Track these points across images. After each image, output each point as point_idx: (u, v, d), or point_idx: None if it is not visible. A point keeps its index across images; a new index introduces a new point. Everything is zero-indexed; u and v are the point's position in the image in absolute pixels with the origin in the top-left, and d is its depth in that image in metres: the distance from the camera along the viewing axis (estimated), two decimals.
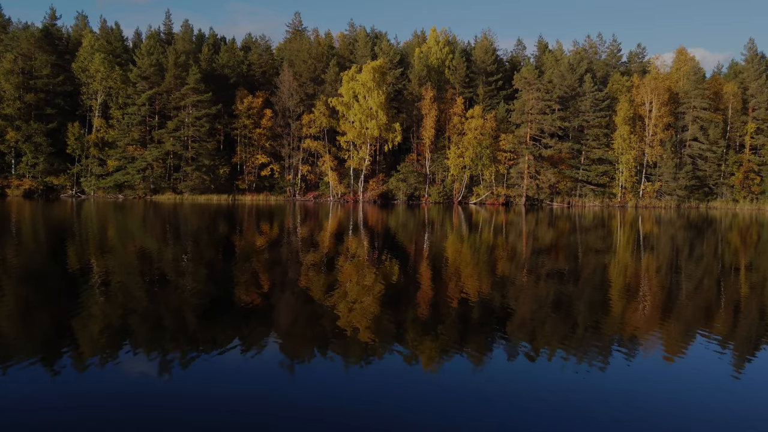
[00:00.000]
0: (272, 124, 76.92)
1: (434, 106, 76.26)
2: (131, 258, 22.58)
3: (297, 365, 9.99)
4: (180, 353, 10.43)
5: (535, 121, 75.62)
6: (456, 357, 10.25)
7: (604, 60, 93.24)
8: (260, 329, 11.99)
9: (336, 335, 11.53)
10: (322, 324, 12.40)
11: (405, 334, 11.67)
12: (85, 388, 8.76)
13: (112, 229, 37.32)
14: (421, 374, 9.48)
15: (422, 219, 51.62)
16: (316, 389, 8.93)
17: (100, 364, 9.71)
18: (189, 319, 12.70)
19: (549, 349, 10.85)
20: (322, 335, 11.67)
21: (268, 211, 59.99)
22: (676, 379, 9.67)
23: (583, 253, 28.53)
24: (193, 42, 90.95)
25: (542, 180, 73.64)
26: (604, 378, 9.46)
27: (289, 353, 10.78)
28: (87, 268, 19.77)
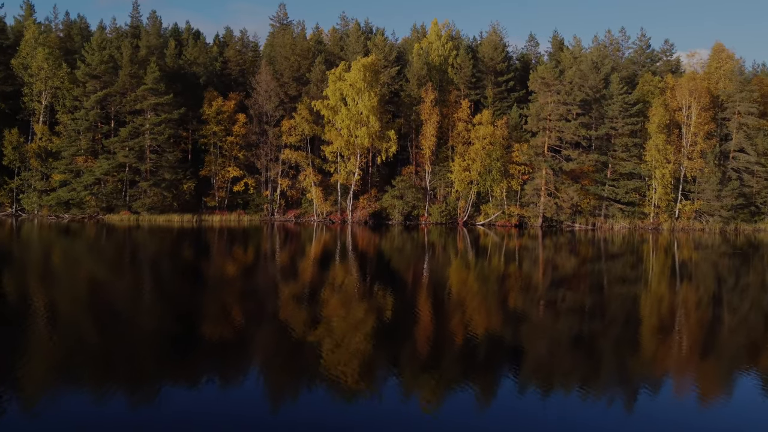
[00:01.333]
0: (246, 131, 77.23)
1: (435, 111, 76.73)
2: (60, 300, 22.69)
3: (271, 417, 10.11)
4: (128, 399, 10.60)
5: (555, 128, 75.94)
6: (458, 404, 10.44)
7: (630, 57, 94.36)
8: (227, 376, 12.12)
9: (319, 378, 11.69)
10: (303, 364, 12.55)
11: (400, 377, 11.84)
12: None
13: (21, 265, 37.42)
14: (418, 418, 9.65)
15: (421, 243, 51.81)
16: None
17: (43, 407, 9.86)
18: (142, 361, 12.83)
19: (566, 395, 11.06)
20: (303, 377, 11.83)
21: (238, 234, 60.09)
22: (710, 429, 9.89)
23: (609, 285, 28.82)
24: (161, 36, 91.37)
25: (563, 198, 73.77)
26: (627, 428, 9.66)
27: (264, 401, 10.95)
28: (19, 305, 19.89)
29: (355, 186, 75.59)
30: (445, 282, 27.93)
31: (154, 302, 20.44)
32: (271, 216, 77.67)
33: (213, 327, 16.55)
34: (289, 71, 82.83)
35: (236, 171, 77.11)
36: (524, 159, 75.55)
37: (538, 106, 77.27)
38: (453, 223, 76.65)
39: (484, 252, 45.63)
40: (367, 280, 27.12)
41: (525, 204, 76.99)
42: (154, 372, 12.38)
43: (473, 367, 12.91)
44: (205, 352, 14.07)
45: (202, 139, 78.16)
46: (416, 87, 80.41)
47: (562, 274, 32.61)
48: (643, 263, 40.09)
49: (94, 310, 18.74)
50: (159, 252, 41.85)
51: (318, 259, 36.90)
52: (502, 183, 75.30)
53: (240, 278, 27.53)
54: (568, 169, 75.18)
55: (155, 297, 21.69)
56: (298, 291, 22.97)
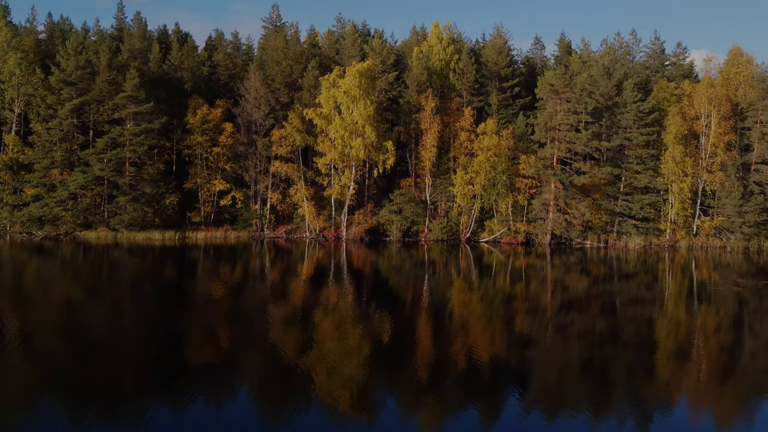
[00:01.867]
0: (233, 141, 77.31)
1: (436, 120, 76.86)
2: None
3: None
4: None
5: (565, 139, 76.00)
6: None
7: (642, 62, 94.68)
8: (213, 402, 12.23)
9: (311, 405, 11.80)
10: (294, 391, 12.66)
11: (398, 405, 11.95)
12: None
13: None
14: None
15: (421, 261, 51.85)
16: None
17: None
18: (122, 387, 12.93)
19: (575, 426, 11.18)
20: (295, 404, 11.93)
21: (224, 252, 60.10)
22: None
23: (623, 308, 28.97)
24: (147, 39, 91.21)
25: (573, 215, 73.68)
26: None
27: (253, 429, 11.07)
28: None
29: (350, 200, 75.51)
30: (447, 304, 28.06)
31: (132, 327, 20.57)
32: (261, 232, 77.52)
33: (195, 353, 16.69)
34: (280, 77, 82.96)
35: (223, 184, 77.10)
36: (531, 172, 75.56)
37: (546, 115, 76.90)
38: (455, 239, 76.58)
39: (489, 271, 45.73)
40: (362, 301, 27.26)
41: (532, 220, 76.87)
42: (135, 398, 12.54)
43: (475, 396, 13.08)
44: (187, 380, 14.22)
45: (186, 150, 78.17)
46: (416, 93, 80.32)
47: (571, 296, 32.75)
48: (658, 284, 40.25)
49: (69, 336, 18.85)
50: (134, 274, 41.92)
51: (310, 279, 36.99)
52: (507, 197, 75.18)
53: (225, 301, 27.63)
54: (579, 184, 75.08)
55: (133, 322, 21.83)
56: (288, 313, 23.10)
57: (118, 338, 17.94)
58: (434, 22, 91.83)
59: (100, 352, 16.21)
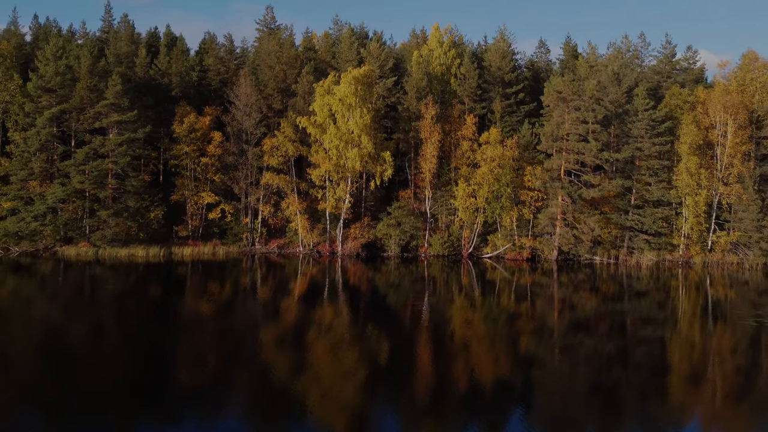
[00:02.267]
0: (222, 151, 77.35)
1: (437, 129, 76.90)
2: None
3: None
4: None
5: (573, 150, 75.73)
6: None
7: (653, 67, 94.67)
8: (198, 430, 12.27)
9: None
10: (286, 417, 12.72)
11: (395, 431, 12.02)
12: None
13: None
14: None
15: (420, 278, 51.88)
16: None
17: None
18: (103, 412, 12.97)
19: None
20: (287, 431, 12.00)
21: (212, 269, 60.03)
22: None
23: (634, 328, 29.06)
24: (134, 43, 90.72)
25: (582, 230, 73.26)
26: None
27: None
28: None
29: (346, 214, 75.40)
30: (448, 323, 28.14)
31: (112, 350, 20.65)
32: (252, 246, 77.26)
33: (180, 378, 16.77)
34: (273, 82, 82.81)
35: (211, 197, 76.97)
36: (537, 184, 75.27)
37: (553, 125, 76.40)
38: (456, 255, 76.45)
39: (492, 289, 45.79)
40: (358, 321, 27.35)
41: (538, 234, 76.59)
42: (118, 423, 12.64)
43: (478, 421, 13.19)
44: (173, 405, 14.32)
45: (172, 161, 78.12)
46: (415, 100, 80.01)
47: (580, 316, 32.84)
48: (671, 303, 40.35)
49: (47, 359, 18.92)
50: (114, 294, 41.94)
51: (303, 298, 37.04)
52: (512, 211, 75.03)
53: (211, 322, 27.69)
54: (588, 197, 74.77)
55: (113, 345, 21.91)
56: (280, 334, 23.18)
57: (98, 361, 18.02)
58: (434, 24, 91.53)
59: (81, 376, 16.29)
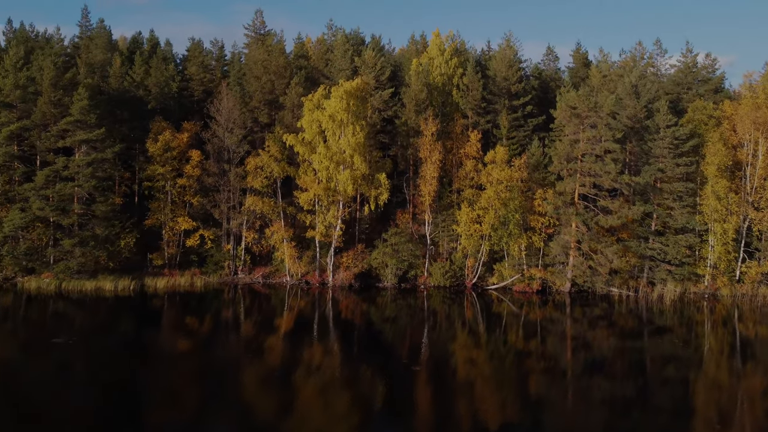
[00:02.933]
0: (201, 172, 76.91)
1: (438, 147, 76.51)
2: None
3: None
4: None
5: (589, 172, 74.27)
6: None
7: (672, 77, 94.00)
8: None
9: None
10: None
11: None
12: None
13: None
14: None
15: (420, 311, 51.95)
16: None
17: None
18: None
19: None
20: None
21: (188, 302, 59.85)
22: None
23: (655, 368, 29.18)
24: (111, 51, 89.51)
25: (599, 261, 72.24)
26: None
27: None
28: None
29: (338, 242, 75.17)
30: (449, 362, 28.27)
31: (77, 396, 20.83)
32: (234, 275, 76.63)
33: (153, 422, 16.94)
34: (260, 94, 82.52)
35: (188, 222, 76.31)
36: (549, 210, 74.38)
37: (566, 144, 75.06)
38: (459, 285, 76.10)
39: (498, 324, 45.88)
40: (351, 360, 27.47)
41: (549, 264, 76.39)
42: None
43: None
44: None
45: (146, 182, 77.75)
46: (414, 114, 79.38)
47: (595, 355, 32.93)
48: (696, 340, 40.44)
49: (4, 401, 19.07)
50: (70, 333, 41.98)
51: (290, 335, 37.08)
52: (520, 239, 74.69)
53: (188, 362, 27.82)
54: (606, 225, 73.52)
55: (77, 389, 22.06)
56: (265, 374, 23.30)
57: (58, 407, 18.21)
58: (435, 31, 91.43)
59: (40, 422, 16.49)
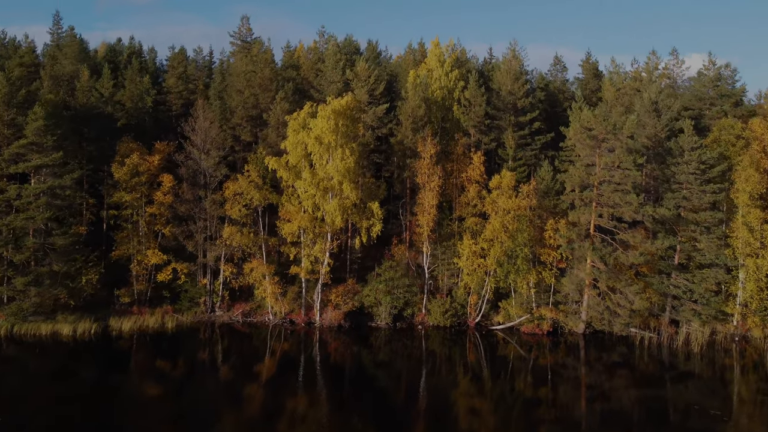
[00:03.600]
0: (173, 198, 76.10)
1: (437, 171, 75.71)
2: None
3: None
4: None
5: (607, 203, 72.72)
6: None
7: (693, 91, 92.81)
8: None
9: None
10: None
11: None
12: None
13: None
14: None
15: (417, 354, 51.82)
16: None
17: None
18: None
19: None
20: None
21: (158, 346, 59.40)
22: None
23: (678, 420, 29.00)
24: (82, 62, 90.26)
25: (618, 301, 70.85)
26: None
27: None
28: None
29: (325, 278, 74.36)
30: (450, 412, 28.10)
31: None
32: (211, 313, 75.74)
33: None
34: (242, 109, 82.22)
35: (157, 256, 75.40)
36: (562, 244, 73.07)
37: (580, 169, 73.49)
38: (461, 325, 75.53)
39: (504, 369, 45.70)
40: (340, 409, 27.24)
41: (561, 302, 75.66)
42: None
43: None
44: None
45: (111, 210, 77.14)
46: (411, 132, 79.06)
47: (613, 405, 32.75)
48: (725, 387, 40.21)
49: None
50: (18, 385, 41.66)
51: (273, 380, 36.85)
52: (529, 275, 73.87)
53: (157, 412, 27.66)
54: (627, 263, 71.88)
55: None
56: (244, 427, 23.08)
57: None
58: (434, 40, 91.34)
59: None
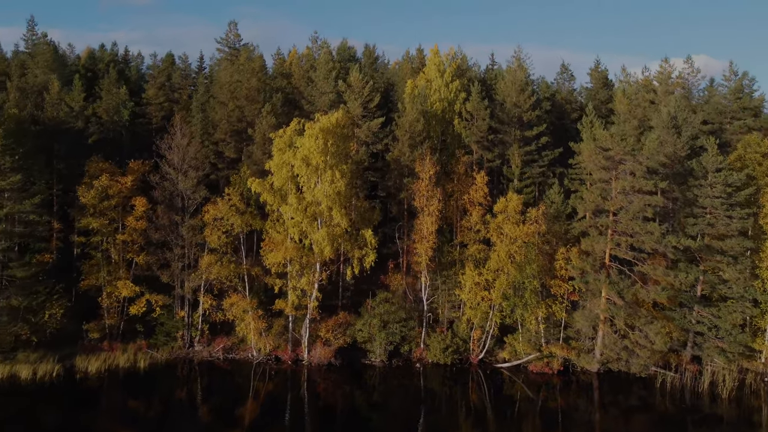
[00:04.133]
0: (147, 224, 75.88)
1: (437, 194, 75.47)
2: None
3: None
4: None
5: (625, 231, 71.77)
6: None
7: (712, 102, 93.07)
8: None
9: None
10: None
11: None
12: None
13: None
14: None
15: (414, 395, 52.32)
16: None
17: None
18: None
19: None
20: None
21: (127, 389, 59.80)
22: None
23: None
24: (54, 71, 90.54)
25: (636, 340, 70.02)
26: None
27: None
28: None
29: (313, 313, 73.86)
30: None
31: None
32: (190, 348, 75.68)
33: None
34: (226, 123, 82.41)
35: (129, 288, 74.89)
36: (576, 277, 72.57)
37: (595, 194, 72.71)
38: (462, 362, 75.50)
39: (510, 412, 45.74)
40: None
41: (572, 337, 75.25)
42: None
43: None
44: None
45: (78, 237, 77.01)
46: (409, 149, 79.69)
47: None
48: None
49: None
50: None
51: (255, 426, 36.44)
52: (538, 309, 73.46)
53: None
54: (648, 299, 70.94)
55: None
56: None
57: None
58: (433, 48, 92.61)
59: None
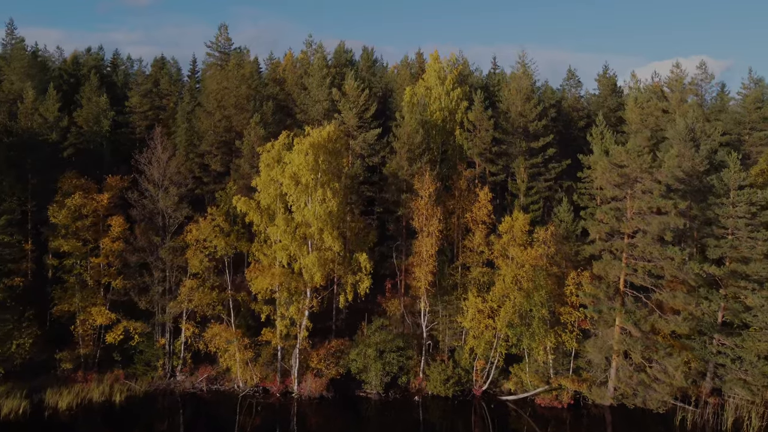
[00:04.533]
0: (124, 246, 74.82)
1: (437, 213, 74.93)
2: None
3: None
4: None
5: (642, 254, 69.96)
6: None
7: (729, 111, 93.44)
8: None
9: None
10: None
11: None
12: None
13: None
14: None
15: (413, 429, 51.21)
16: None
17: None
18: None
19: None
20: None
21: (107, 422, 59.28)
22: None
23: None
24: (31, 78, 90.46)
25: (654, 375, 68.54)
26: None
27: None
28: None
29: (302, 343, 72.66)
30: None
31: None
32: (171, 378, 74.71)
33: None
34: (212, 134, 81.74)
35: (104, 315, 73.81)
36: (588, 305, 71.27)
37: (609, 214, 71.12)
38: (465, 393, 74.63)
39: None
40: None
41: (583, 368, 74.01)
42: None
43: None
44: None
45: (50, 260, 75.97)
46: (407, 162, 79.26)
47: None
48: None
49: None
50: None
51: None
52: (547, 338, 72.24)
53: None
54: (667, 330, 69.37)
55: None
56: None
57: None
58: (433, 53, 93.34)
59: None
